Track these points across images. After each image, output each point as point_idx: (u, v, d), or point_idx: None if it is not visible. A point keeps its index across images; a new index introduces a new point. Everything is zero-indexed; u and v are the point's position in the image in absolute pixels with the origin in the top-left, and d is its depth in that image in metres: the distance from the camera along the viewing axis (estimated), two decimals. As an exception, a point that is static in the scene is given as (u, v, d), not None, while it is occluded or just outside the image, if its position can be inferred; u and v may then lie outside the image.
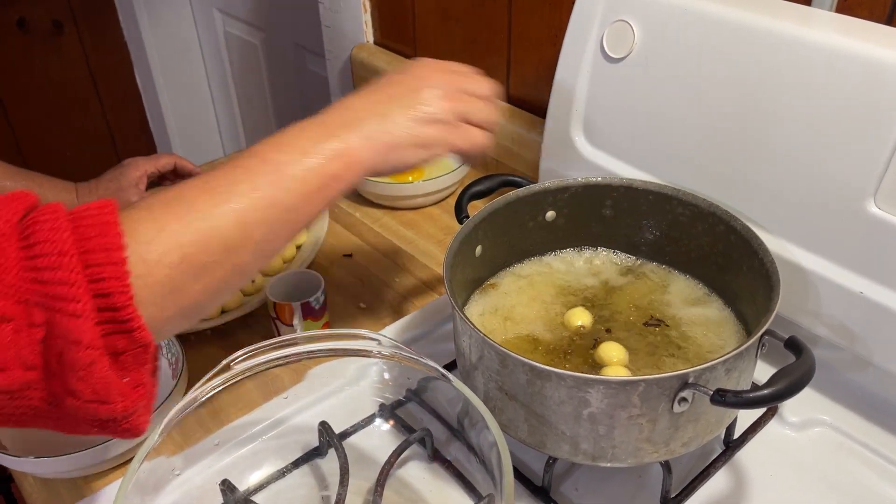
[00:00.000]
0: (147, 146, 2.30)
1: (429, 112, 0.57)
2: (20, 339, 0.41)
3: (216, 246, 0.47)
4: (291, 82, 1.87)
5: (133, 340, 0.44)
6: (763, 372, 0.68)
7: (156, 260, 0.45)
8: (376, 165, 0.55)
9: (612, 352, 0.64)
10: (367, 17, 1.28)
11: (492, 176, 0.75)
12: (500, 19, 1.05)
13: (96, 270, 0.42)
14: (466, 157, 0.62)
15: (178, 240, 0.46)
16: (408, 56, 1.25)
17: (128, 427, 0.46)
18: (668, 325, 0.68)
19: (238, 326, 0.86)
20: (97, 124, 2.19)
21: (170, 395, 0.70)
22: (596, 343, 0.66)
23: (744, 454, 0.67)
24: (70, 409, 0.44)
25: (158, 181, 1.03)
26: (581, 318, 0.69)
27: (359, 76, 1.31)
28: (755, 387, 0.52)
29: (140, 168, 0.98)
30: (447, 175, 1.03)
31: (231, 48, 2.07)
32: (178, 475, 0.60)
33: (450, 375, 0.59)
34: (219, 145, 2.34)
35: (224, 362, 0.60)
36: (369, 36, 1.31)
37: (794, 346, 0.56)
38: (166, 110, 2.25)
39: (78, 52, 2.09)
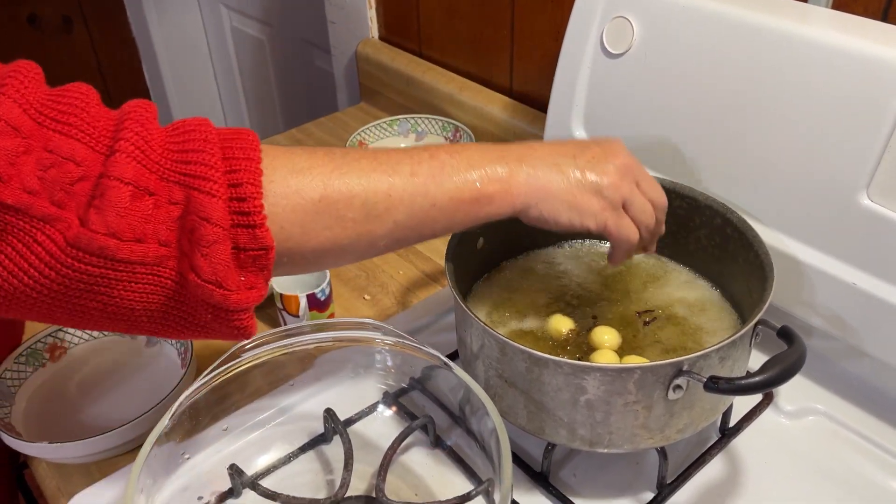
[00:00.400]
0: (155, 141, 2.32)
1: (598, 182, 0.56)
2: (159, 214, 0.45)
3: (359, 204, 0.50)
4: (298, 78, 1.89)
5: (255, 238, 0.46)
6: (758, 361, 0.69)
7: (297, 187, 0.48)
8: (528, 206, 0.55)
9: (605, 335, 0.66)
10: (372, 13, 1.30)
11: (493, 169, 0.77)
12: (503, 15, 1.07)
13: (233, 163, 0.46)
14: (612, 246, 0.61)
15: (325, 181, 0.49)
16: (413, 52, 1.26)
17: (238, 324, 0.49)
18: (662, 316, 0.70)
19: (245, 317, 0.88)
20: (106, 119, 2.21)
21: (179, 383, 0.72)
22: (590, 328, 0.68)
23: (739, 442, 0.68)
24: (191, 288, 0.46)
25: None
26: (562, 324, 0.69)
27: (364, 72, 1.32)
28: (747, 374, 0.53)
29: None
30: (451, 169, 1.04)
31: (238, 44, 2.09)
32: (187, 459, 0.62)
33: (451, 364, 0.61)
34: (226, 140, 2.36)
35: (232, 350, 0.61)
36: (374, 32, 1.32)
37: (786, 335, 0.57)
38: (174, 106, 2.27)
39: (87, 48, 2.11)
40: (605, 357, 0.65)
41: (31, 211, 0.42)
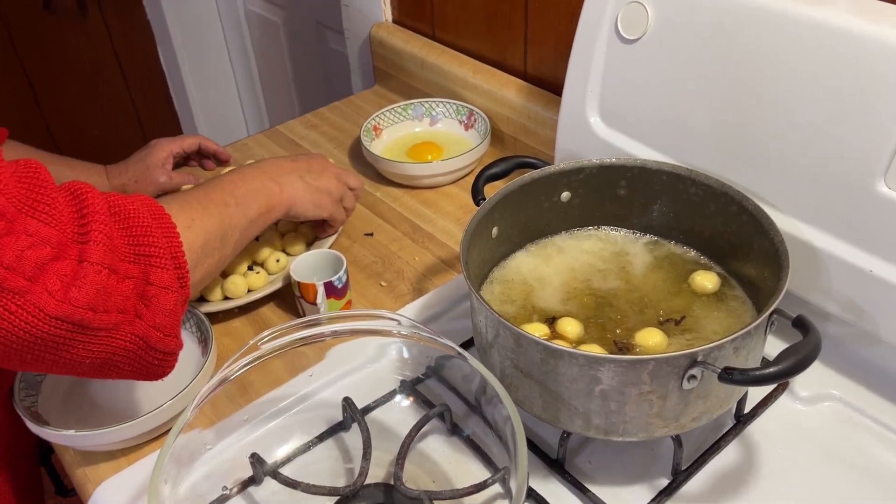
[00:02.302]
0: (172, 123, 2.34)
1: (327, 188, 0.86)
2: (120, 288, 0.56)
3: (218, 238, 0.69)
4: (313, 60, 1.89)
5: (185, 291, 0.62)
6: (774, 347, 0.70)
7: (191, 239, 0.65)
8: (291, 208, 0.81)
9: (652, 338, 0.66)
10: (385, -4, 1.29)
11: (508, 158, 0.77)
12: (517, -3, 1.06)
13: (168, 241, 0.61)
14: (329, 225, 0.92)
15: (204, 227, 0.67)
16: (427, 35, 1.26)
17: (173, 362, 0.64)
18: (683, 319, 0.69)
19: (263, 305, 0.89)
20: (123, 103, 2.23)
21: (201, 370, 0.73)
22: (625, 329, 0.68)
23: (754, 428, 0.69)
24: (155, 342, 0.60)
25: (184, 161, 1.05)
26: (571, 326, 0.68)
27: (378, 55, 1.32)
28: (762, 365, 0.53)
29: (166, 149, 1.01)
30: (465, 155, 1.04)
31: (252, 26, 2.09)
32: (209, 448, 0.63)
33: (466, 354, 0.61)
34: (242, 121, 2.37)
35: (252, 342, 0.62)
36: (388, 14, 1.32)
37: (801, 324, 0.57)
38: (190, 88, 2.28)
39: (102, 33, 2.11)
40: (651, 336, 0.65)
41: (4, 284, 0.50)
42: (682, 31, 0.73)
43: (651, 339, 0.66)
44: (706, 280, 0.72)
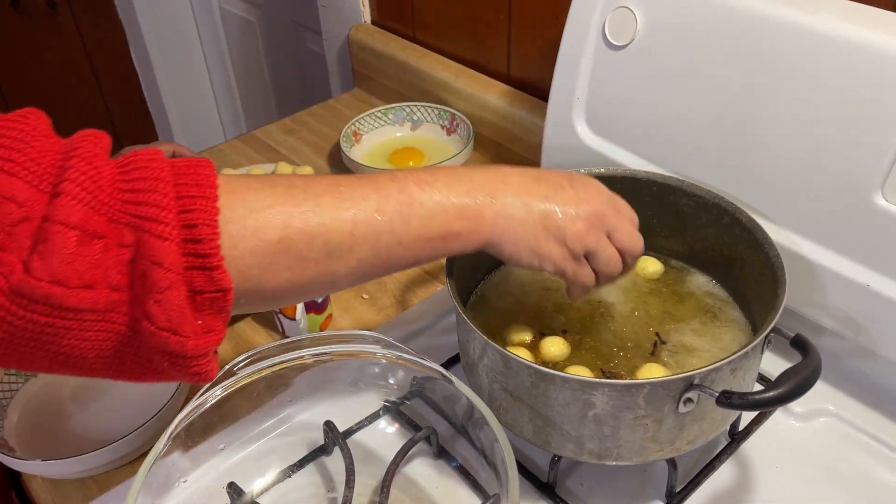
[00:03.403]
0: (145, 125, 2.29)
1: (563, 231, 0.55)
2: (109, 257, 0.42)
3: (320, 244, 0.47)
4: (290, 61, 1.85)
5: (212, 280, 0.43)
6: (768, 362, 0.68)
7: (254, 228, 0.45)
8: (492, 244, 0.54)
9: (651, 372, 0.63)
10: (363, -3, 1.26)
11: (493, 168, 0.74)
12: (500, -1, 1.03)
13: (187, 202, 0.43)
14: (568, 288, 0.61)
15: (285, 221, 0.46)
16: (407, 37, 1.23)
17: (197, 370, 0.46)
18: (666, 342, 0.66)
19: (240, 320, 0.86)
20: (95, 104, 2.17)
21: (174, 394, 0.70)
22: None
23: (749, 445, 0.67)
24: (146, 336, 0.43)
25: (157, 170, 1.01)
26: (555, 346, 0.66)
27: (357, 57, 1.29)
28: (761, 389, 0.51)
29: (138, 158, 0.97)
30: (447, 161, 1.02)
31: (227, 25, 2.05)
32: (183, 480, 0.60)
33: (453, 377, 0.59)
34: (217, 123, 2.32)
35: (227, 367, 0.60)
36: (366, 16, 1.29)
37: (800, 344, 0.55)
38: (163, 89, 2.23)
39: (73, 32, 2.06)
40: (652, 372, 0.62)
41: None
42: (671, 38, 0.71)
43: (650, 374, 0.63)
44: (647, 265, 0.73)
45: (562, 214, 0.55)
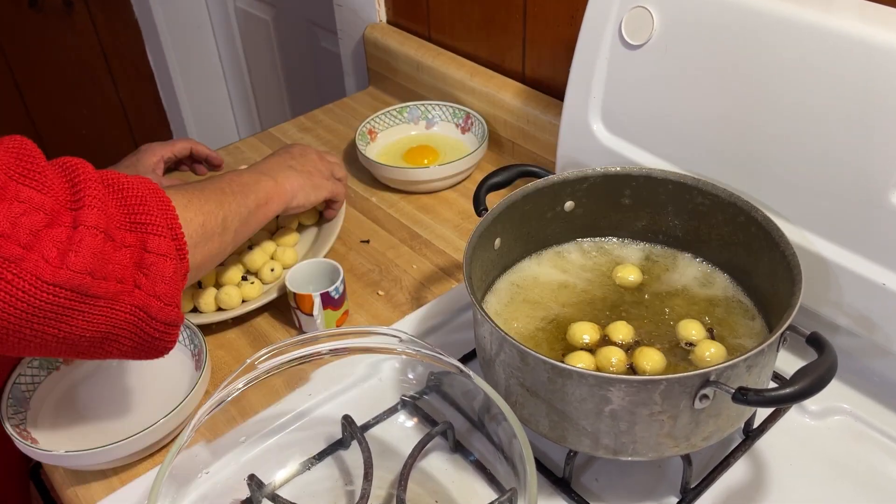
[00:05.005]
0: (160, 123, 2.30)
1: (316, 167, 0.88)
2: (117, 256, 0.55)
3: (216, 223, 0.68)
4: (304, 60, 1.86)
5: (185, 264, 0.61)
6: (783, 360, 0.68)
7: (189, 217, 0.64)
8: (292, 198, 0.82)
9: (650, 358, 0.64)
10: (379, -4, 1.27)
11: (509, 167, 0.75)
12: (515, -1, 1.04)
13: (164, 212, 0.60)
14: (329, 204, 0.93)
15: (201, 208, 0.66)
16: (422, 36, 1.24)
17: (174, 338, 0.62)
18: (693, 345, 0.66)
19: (258, 316, 0.87)
20: (111, 102, 2.19)
21: (195, 386, 0.71)
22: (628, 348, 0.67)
23: (763, 443, 0.67)
24: (155, 311, 0.58)
25: (175, 166, 1.03)
26: (586, 331, 0.67)
27: (372, 56, 1.30)
28: (777, 385, 0.52)
29: (156, 154, 0.98)
30: (462, 159, 1.02)
31: (242, 24, 2.06)
32: (206, 471, 0.61)
33: (470, 372, 0.60)
34: (231, 121, 2.34)
35: (248, 361, 0.60)
36: (382, 15, 1.29)
37: (816, 342, 0.56)
38: (178, 87, 2.24)
39: (89, 30, 2.08)
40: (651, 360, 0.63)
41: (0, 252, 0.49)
42: (688, 37, 0.71)
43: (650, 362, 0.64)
44: (628, 273, 0.73)
45: (305, 164, 0.86)
